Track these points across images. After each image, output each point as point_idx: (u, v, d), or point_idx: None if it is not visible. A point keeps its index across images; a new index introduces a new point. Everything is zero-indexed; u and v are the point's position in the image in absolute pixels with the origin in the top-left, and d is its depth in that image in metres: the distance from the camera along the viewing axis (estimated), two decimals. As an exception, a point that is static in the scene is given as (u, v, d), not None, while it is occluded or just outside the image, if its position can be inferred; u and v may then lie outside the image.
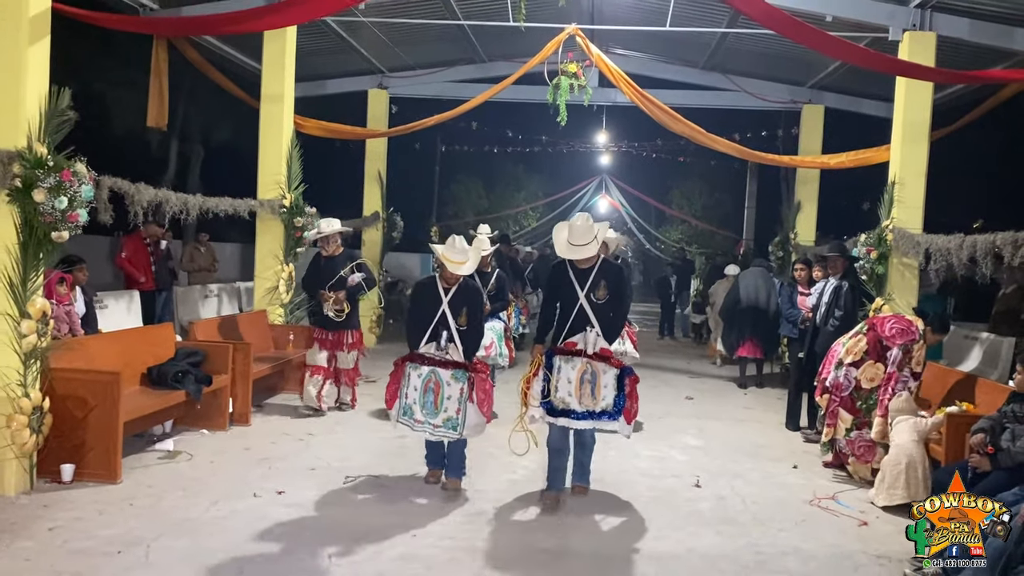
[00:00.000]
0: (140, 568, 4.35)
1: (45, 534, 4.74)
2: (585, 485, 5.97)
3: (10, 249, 5.21)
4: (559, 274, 5.73)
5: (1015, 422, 4.91)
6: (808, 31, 7.23)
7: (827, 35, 7.40)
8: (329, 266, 8.04)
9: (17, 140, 5.19)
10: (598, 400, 5.47)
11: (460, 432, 5.61)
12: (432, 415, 5.59)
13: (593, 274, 5.60)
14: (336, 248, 8.14)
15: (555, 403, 5.51)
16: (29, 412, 5.31)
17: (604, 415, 5.49)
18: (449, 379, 5.60)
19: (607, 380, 5.50)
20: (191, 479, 5.91)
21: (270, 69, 9.65)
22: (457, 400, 5.59)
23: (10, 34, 5.21)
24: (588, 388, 5.47)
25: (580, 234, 5.52)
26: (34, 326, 5.35)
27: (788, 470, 6.96)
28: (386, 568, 4.49)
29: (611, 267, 5.78)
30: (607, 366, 5.52)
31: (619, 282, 5.73)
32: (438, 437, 5.68)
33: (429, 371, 5.62)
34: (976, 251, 6.76)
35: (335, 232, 8.12)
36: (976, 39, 8.74)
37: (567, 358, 5.53)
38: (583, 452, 5.92)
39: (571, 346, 5.55)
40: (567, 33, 9.23)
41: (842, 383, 6.79)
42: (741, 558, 4.91)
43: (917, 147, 8.72)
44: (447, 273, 5.74)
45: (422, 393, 5.61)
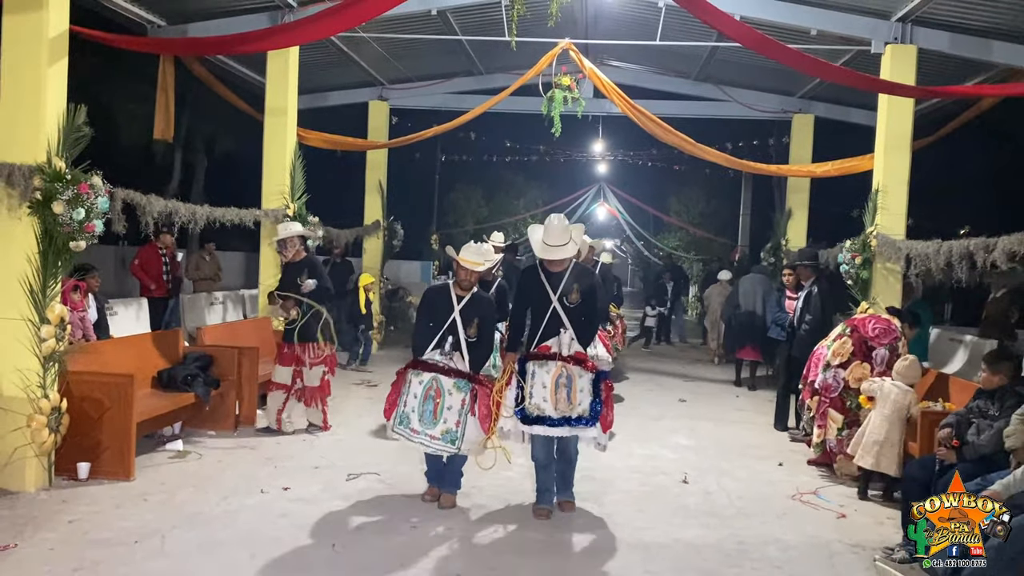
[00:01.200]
0: (157, 556, 4.63)
1: (66, 526, 5.02)
2: (571, 500, 5.74)
3: (31, 258, 5.51)
4: (531, 278, 5.64)
5: (980, 417, 5.20)
6: (786, 51, 7.52)
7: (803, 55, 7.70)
8: (287, 272, 7.74)
9: (37, 155, 5.49)
10: (574, 405, 5.31)
11: (458, 447, 5.37)
12: (430, 425, 5.35)
13: (566, 278, 5.51)
14: (296, 253, 7.71)
15: (529, 410, 5.35)
16: (48, 412, 5.60)
17: (581, 421, 5.34)
18: (451, 388, 5.40)
19: (583, 384, 5.37)
20: (201, 477, 6.20)
21: (274, 83, 9.97)
22: (458, 412, 5.37)
23: (31, 56, 5.52)
24: (564, 392, 5.31)
25: (556, 235, 5.46)
26: (53, 331, 5.65)
27: (774, 468, 7.23)
28: (388, 555, 4.76)
29: (583, 270, 5.76)
30: (582, 370, 5.39)
31: (591, 285, 5.65)
32: (434, 450, 5.43)
33: (431, 378, 5.42)
34: (952, 256, 7.05)
35: (292, 236, 7.70)
36: (955, 51, 9.06)
37: (541, 363, 5.40)
38: (567, 466, 5.70)
39: (545, 350, 5.43)
40: (560, 48, 9.55)
41: (831, 384, 7.07)
42: (724, 547, 5.19)
43: (899, 156, 9.01)
44: (462, 278, 5.62)
45: (422, 401, 5.39)
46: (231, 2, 9.76)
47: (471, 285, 5.68)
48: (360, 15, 5.90)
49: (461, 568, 4.66)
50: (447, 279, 6.03)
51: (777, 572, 4.82)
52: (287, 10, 9.76)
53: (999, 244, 6.30)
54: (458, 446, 5.37)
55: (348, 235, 13.03)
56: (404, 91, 14.25)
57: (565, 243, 5.47)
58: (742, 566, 4.89)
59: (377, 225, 13.93)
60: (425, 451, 5.54)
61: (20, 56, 5.54)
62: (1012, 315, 10.51)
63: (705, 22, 7.04)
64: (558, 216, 5.70)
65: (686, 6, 6.66)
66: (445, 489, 5.71)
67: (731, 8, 9.27)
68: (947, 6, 8.50)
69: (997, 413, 5.11)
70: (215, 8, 9.85)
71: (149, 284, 10.69)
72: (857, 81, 8.20)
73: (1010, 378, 5.23)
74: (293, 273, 7.59)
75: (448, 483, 5.72)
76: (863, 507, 6.16)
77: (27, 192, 5.41)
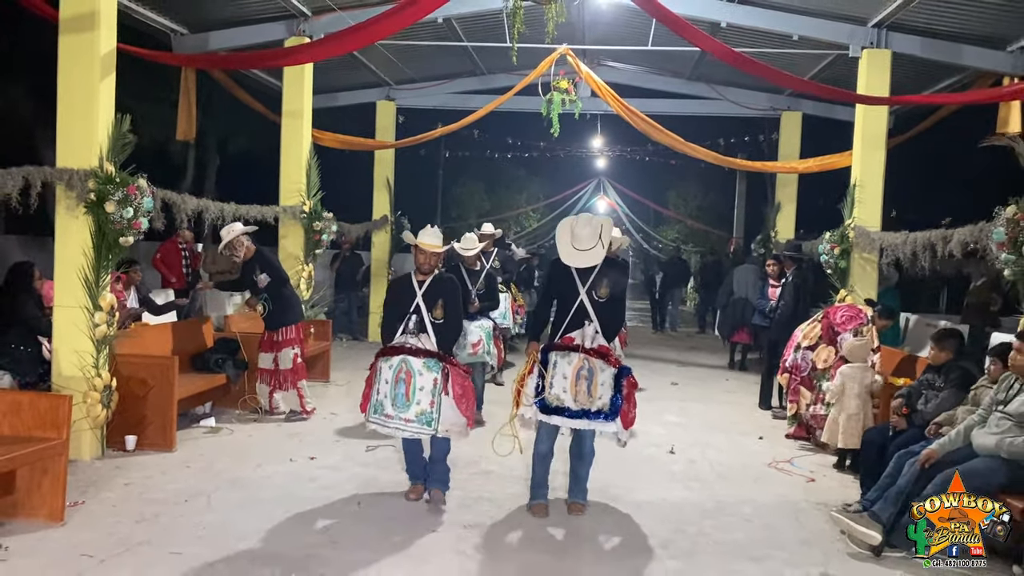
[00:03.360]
0: (205, 511, 5.32)
1: (122, 488, 5.71)
2: (582, 503, 5.61)
3: (86, 252, 6.19)
4: (560, 270, 5.51)
5: (928, 389, 5.88)
6: (756, 65, 8.20)
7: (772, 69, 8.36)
8: (244, 270, 7.95)
9: (91, 160, 6.16)
10: (594, 399, 5.21)
11: (435, 428, 5.26)
12: (403, 408, 5.23)
13: (596, 272, 5.41)
14: (247, 251, 7.85)
15: (549, 400, 5.27)
16: (101, 390, 6.28)
17: (600, 415, 5.22)
18: (421, 368, 5.27)
19: (604, 378, 5.26)
20: (235, 448, 6.90)
21: (290, 87, 10.63)
22: (430, 392, 5.25)
23: (85, 71, 6.18)
24: (584, 385, 5.22)
25: (584, 239, 5.32)
26: (105, 317, 6.33)
27: (755, 441, 7.92)
28: (409, 510, 5.44)
29: (614, 265, 5.65)
30: (605, 363, 5.29)
31: (621, 281, 5.59)
32: (411, 433, 5.30)
33: (400, 360, 5.31)
34: (916, 246, 7.70)
35: (237, 236, 7.78)
36: (927, 55, 9.68)
37: (564, 353, 5.32)
38: (580, 464, 5.56)
39: (568, 341, 5.35)
40: (559, 53, 10.20)
41: (800, 364, 7.79)
42: (703, 505, 5.87)
43: (875, 153, 9.65)
44: (420, 262, 5.59)
45: (392, 385, 5.27)
46: (249, 12, 10.39)
47: (431, 268, 5.63)
48: (378, 33, 6.52)
49: (471, 518, 5.33)
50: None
51: (748, 524, 5.50)
52: (302, 19, 10.42)
53: (955, 235, 6.93)
54: (435, 427, 5.26)
55: (358, 229, 13.68)
56: (410, 91, 14.86)
57: (593, 246, 5.32)
58: (717, 519, 5.57)
59: (385, 220, 14.57)
60: (402, 436, 5.42)
61: (74, 72, 6.20)
62: (994, 302, 11.04)
63: (687, 39, 7.69)
64: (586, 216, 5.51)
65: (670, 26, 7.29)
66: (433, 485, 5.61)
67: (718, 16, 9.99)
68: (920, 13, 9.10)
69: (943, 385, 5.79)
70: (234, 17, 10.49)
71: (170, 277, 11.34)
72: (820, 91, 8.89)
73: (955, 354, 5.91)
74: (248, 271, 7.87)
75: (436, 479, 5.62)
76: (832, 474, 6.84)
77: (83, 194, 6.09)
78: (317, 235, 10.54)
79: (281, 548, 4.74)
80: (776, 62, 11.39)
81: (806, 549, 5.06)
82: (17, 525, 4.87)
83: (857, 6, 9.39)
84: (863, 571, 4.75)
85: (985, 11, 8.76)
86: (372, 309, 14.48)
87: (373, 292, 14.51)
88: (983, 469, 4.74)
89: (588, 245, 5.32)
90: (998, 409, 4.98)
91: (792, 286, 8.87)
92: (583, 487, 5.62)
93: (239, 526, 5.06)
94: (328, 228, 10.68)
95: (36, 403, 5.03)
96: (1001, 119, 9.44)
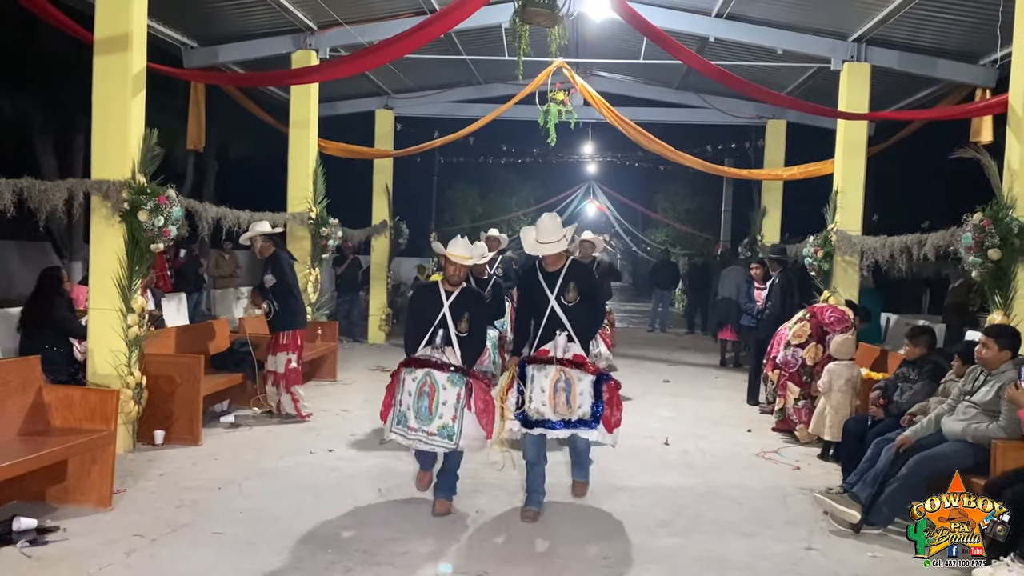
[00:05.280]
0: (238, 498, 5.75)
1: (158, 478, 6.14)
2: (584, 481, 5.92)
3: (120, 259, 6.61)
4: (529, 279, 5.65)
5: (903, 382, 6.39)
6: (738, 81, 8.73)
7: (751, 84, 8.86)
8: (261, 268, 8.18)
9: (124, 173, 6.58)
10: (573, 409, 5.30)
11: (456, 442, 5.25)
12: (426, 422, 5.24)
13: (562, 276, 5.51)
14: (263, 250, 8.10)
15: (530, 414, 5.34)
16: (133, 387, 6.70)
17: (581, 424, 5.33)
18: (445, 383, 5.27)
19: (582, 387, 5.33)
20: (257, 442, 7.33)
21: (297, 99, 11.09)
22: (453, 406, 5.23)
23: (119, 89, 6.61)
24: (563, 396, 5.29)
25: (548, 232, 5.48)
26: (136, 319, 6.76)
27: (743, 433, 8.40)
28: (427, 494, 5.88)
29: (581, 268, 5.75)
30: (582, 373, 5.36)
31: (590, 283, 5.64)
32: (431, 447, 5.32)
33: (424, 374, 5.30)
34: (893, 249, 8.22)
35: (256, 235, 8.08)
36: (904, 68, 10.23)
37: (539, 366, 5.38)
38: (577, 456, 5.88)
39: (543, 354, 5.42)
40: (555, 66, 10.68)
41: (790, 361, 8.28)
42: (696, 490, 6.35)
43: (856, 161, 10.19)
44: (450, 273, 5.57)
45: (416, 398, 5.27)
46: (257, 26, 10.83)
47: (460, 280, 5.61)
48: (387, 56, 6.97)
49: (486, 504, 5.78)
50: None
51: (739, 506, 5.98)
52: (308, 33, 10.87)
53: (929, 239, 7.45)
54: (456, 441, 5.26)
55: (360, 235, 14.12)
56: (408, 100, 15.32)
57: (558, 239, 5.48)
58: (711, 502, 6.05)
59: (384, 225, 15.01)
60: (423, 448, 5.41)
61: (108, 90, 6.63)
62: (972, 302, 11.55)
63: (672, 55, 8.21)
64: (550, 215, 5.70)
65: (658, 43, 7.79)
66: (440, 495, 5.59)
67: (706, 31, 10.50)
68: (898, 28, 9.64)
69: (916, 377, 6.30)
70: (243, 32, 10.93)
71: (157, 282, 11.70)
72: (797, 107, 9.42)
73: (927, 349, 6.42)
74: (260, 270, 8.18)
75: (443, 488, 5.60)
76: (816, 463, 7.34)
77: (118, 204, 6.51)
78: (324, 240, 10.98)
79: (313, 528, 5.17)
80: (761, 74, 11.95)
81: (792, 527, 5.54)
82: (69, 510, 5.29)
83: (838, 22, 9.93)
84: (843, 545, 5.23)
85: (958, 27, 9.30)
86: (372, 312, 14.94)
87: (372, 295, 14.96)
88: (950, 453, 5.25)
89: (553, 238, 5.46)
90: (965, 399, 5.48)
91: (779, 287, 9.38)
92: (585, 467, 5.94)
93: (272, 510, 5.50)
94: (334, 234, 11.13)
95: (87, 397, 5.46)
96: (974, 129, 9.98)
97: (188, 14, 10.24)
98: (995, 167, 6.63)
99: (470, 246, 5.69)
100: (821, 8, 9.69)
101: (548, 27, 7.01)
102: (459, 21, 7.27)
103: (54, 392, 5.51)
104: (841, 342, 7.55)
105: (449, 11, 6.99)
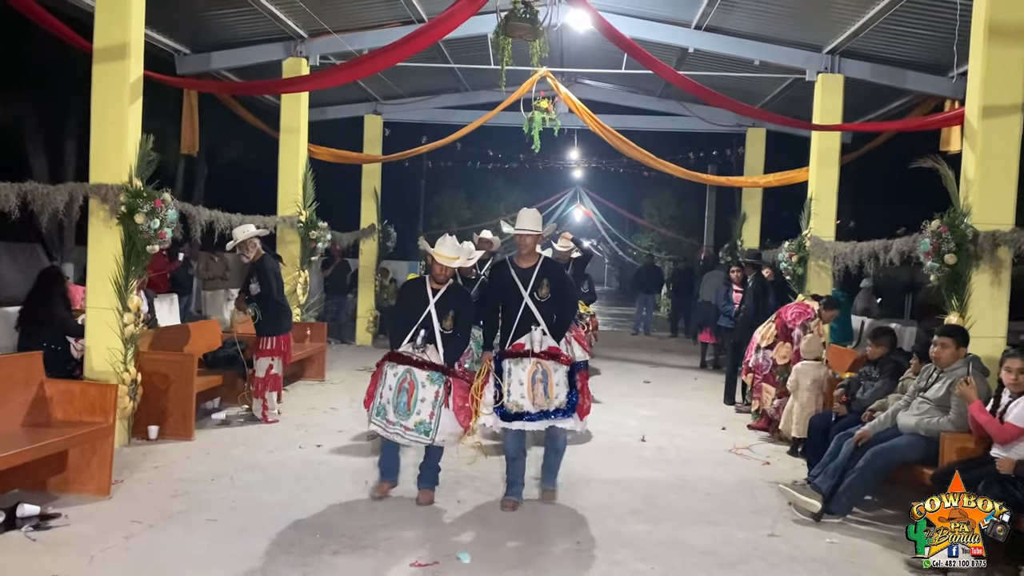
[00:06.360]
0: (231, 489, 6.01)
1: (153, 470, 6.39)
2: (553, 489, 5.97)
3: (117, 260, 6.87)
4: (501, 274, 5.76)
5: (866, 380, 6.71)
6: (715, 96, 9.05)
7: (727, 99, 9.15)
8: (248, 272, 8.22)
9: (121, 177, 6.85)
10: (551, 399, 5.49)
11: (432, 437, 5.46)
12: (404, 416, 5.44)
13: (536, 273, 5.66)
14: (256, 254, 8.17)
15: (508, 407, 5.51)
16: (129, 384, 6.95)
17: (558, 413, 5.53)
18: (424, 380, 5.44)
19: (558, 378, 5.53)
20: (247, 438, 7.59)
21: (288, 105, 11.36)
22: (431, 403, 5.42)
23: (116, 96, 6.88)
24: (540, 388, 5.47)
25: (527, 220, 5.71)
26: (132, 317, 7.01)
27: (718, 431, 8.71)
28: (412, 487, 6.16)
29: (553, 265, 5.90)
30: (557, 364, 5.55)
31: (562, 280, 5.80)
32: (408, 441, 5.54)
33: (405, 370, 5.48)
34: (862, 254, 8.56)
35: (248, 237, 8.11)
36: (876, 80, 10.61)
37: (516, 360, 5.54)
38: (554, 457, 5.92)
39: (519, 348, 5.58)
40: (540, 75, 11.00)
41: (762, 363, 8.60)
42: (669, 482, 6.65)
43: (829, 170, 10.55)
44: (436, 272, 5.69)
45: (396, 393, 5.46)
46: (249, 34, 11.11)
47: (446, 279, 5.74)
48: (376, 66, 7.26)
49: (467, 495, 6.06)
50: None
51: (708, 497, 6.29)
52: (299, 41, 11.15)
53: (894, 245, 7.79)
54: (432, 437, 5.45)
55: (349, 238, 14.38)
56: (396, 106, 15.63)
57: (534, 229, 5.71)
58: (681, 493, 6.35)
59: (373, 228, 15.28)
60: (400, 442, 5.64)
61: (106, 98, 6.89)
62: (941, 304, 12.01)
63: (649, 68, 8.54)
64: (533, 209, 5.97)
65: (637, 58, 8.11)
66: (423, 486, 5.83)
67: (685, 42, 10.84)
68: (870, 41, 10.01)
69: (878, 376, 6.63)
70: (235, 39, 11.20)
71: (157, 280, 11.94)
72: (767, 118, 9.82)
73: (888, 349, 6.75)
74: (247, 275, 8.22)
75: (426, 479, 5.84)
76: (786, 459, 7.65)
77: (116, 207, 6.77)
78: (313, 243, 11.25)
79: (302, 516, 5.44)
80: (741, 84, 12.30)
81: (757, 516, 5.84)
82: (69, 498, 5.54)
83: (813, 34, 10.29)
84: (804, 532, 5.53)
85: (927, 41, 9.68)
86: (360, 314, 15.21)
87: (360, 298, 15.23)
88: (904, 445, 5.58)
89: (531, 226, 5.71)
90: (919, 395, 5.81)
91: (752, 291, 9.72)
92: (554, 475, 6.00)
93: (263, 499, 5.77)
94: (323, 237, 11.40)
95: (86, 391, 5.72)
96: (944, 139, 10.35)
97: (182, 21, 10.51)
98: (952, 176, 6.97)
99: (458, 245, 5.83)
100: (796, 21, 10.05)
101: (530, 40, 7.31)
102: (447, 32, 7.55)
103: (55, 386, 5.76)
104: (808, 341, 7.87)
105: (437, 23, 7.28)
